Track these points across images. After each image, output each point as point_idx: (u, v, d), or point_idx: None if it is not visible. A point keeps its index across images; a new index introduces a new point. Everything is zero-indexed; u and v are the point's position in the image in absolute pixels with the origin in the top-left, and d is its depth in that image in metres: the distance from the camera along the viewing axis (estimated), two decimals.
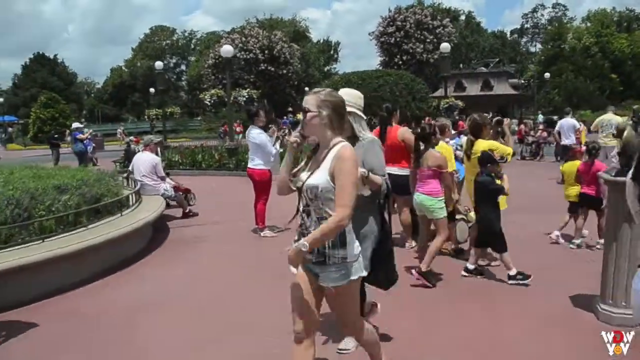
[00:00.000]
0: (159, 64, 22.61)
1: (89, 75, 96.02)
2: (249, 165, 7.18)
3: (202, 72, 44.41)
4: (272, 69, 42.67)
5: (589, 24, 66.08)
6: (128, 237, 6.08)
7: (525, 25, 79.36)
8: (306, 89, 52.09)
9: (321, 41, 73.13)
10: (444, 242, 5.23)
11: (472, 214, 5.76)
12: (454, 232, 5.93)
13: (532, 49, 74.61)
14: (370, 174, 3.13)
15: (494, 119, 6.36)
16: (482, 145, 5.27)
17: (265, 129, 7.23)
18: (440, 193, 4.98)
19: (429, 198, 4.95)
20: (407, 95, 15.74)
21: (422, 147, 5.00)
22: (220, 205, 10.01)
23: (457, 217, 6.00)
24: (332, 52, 73.33)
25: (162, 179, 8.67)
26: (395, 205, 6.40)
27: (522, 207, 7.32)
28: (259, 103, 46.85)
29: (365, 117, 3.36)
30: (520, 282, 4.79)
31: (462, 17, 65.92)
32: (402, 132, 6.07)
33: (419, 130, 5.28)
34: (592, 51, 60.21)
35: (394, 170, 5.77)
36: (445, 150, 5.58)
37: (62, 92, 55.28)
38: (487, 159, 4.95)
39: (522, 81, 49.09)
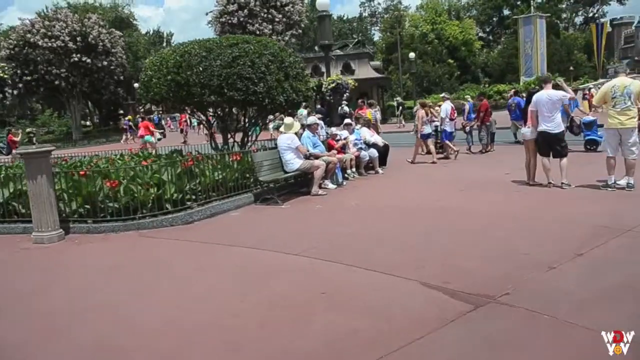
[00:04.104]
0: None
1: None
2: None
3: None
4: (89, 60, 34.21)
5: (423, 13, 69.36)
6: None
7: (364, 14, 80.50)
8: (135, 85, 44.40)
9: (151, 32, 64.72)
10: None
11: None
12: None
13: (374, 38, 75.70)
14: None
15: None
16: None
17: None
18: None
19: None
20: (277, 71, 10.57)
21: None
22: None
23: None
24: (164, 44, 65.36)
25: None
26: None
27: None
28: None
29: None
30: None
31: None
32: None
33: None
34: (429, 38, 63.18)
35: None
36: None
37: None
38: None
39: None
